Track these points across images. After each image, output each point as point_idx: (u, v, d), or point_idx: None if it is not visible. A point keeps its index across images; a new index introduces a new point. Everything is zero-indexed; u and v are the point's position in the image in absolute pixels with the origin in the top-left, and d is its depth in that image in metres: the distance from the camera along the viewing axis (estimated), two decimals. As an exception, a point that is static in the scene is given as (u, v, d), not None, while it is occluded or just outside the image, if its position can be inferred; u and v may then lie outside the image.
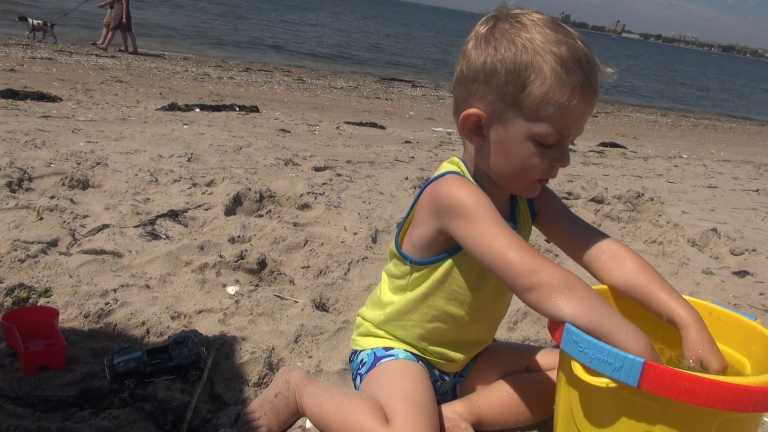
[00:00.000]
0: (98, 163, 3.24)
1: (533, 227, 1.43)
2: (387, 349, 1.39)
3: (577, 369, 1.04)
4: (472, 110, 1.19)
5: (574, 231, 1.37)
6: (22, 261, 1.95)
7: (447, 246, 1.27)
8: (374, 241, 2.66)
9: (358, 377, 1.40)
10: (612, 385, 0.98)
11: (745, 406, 0.93)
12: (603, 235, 1.35)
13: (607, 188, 4.18)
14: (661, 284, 1.25)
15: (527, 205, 1.39)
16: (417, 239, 1.29)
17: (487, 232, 1.14)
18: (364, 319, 1.47)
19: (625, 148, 7.84)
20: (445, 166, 1.31)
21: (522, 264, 1.10)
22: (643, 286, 1.25)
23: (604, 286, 1.31)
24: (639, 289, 1.25)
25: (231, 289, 1.98)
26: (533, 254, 1.11)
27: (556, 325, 1.10)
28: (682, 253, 3.05)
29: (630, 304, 1.28)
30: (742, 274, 2.88)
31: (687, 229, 3.43)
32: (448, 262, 1.28)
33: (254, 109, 7.13)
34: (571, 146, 1.29)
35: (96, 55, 11.33)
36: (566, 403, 1.14)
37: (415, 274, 1.33)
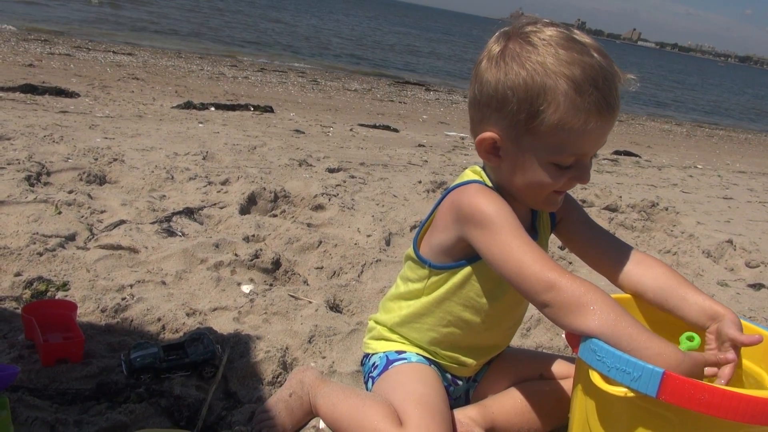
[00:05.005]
0: (115, 159, 3.27)
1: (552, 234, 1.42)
2: (399, 352, 1.39)
3: (595, 378, 1.03)
4: (487, 134, 1.19)
5: (595, 239, 1.36)
6: (40, 254, 1.98)
7: (466, 253, 1.26)
8: (387, 243, 2.66)
9: (370, 380, 1.40)
10: (630, 394, 0.98)
11: (765, 419, 0.92)
12: (624, 244, 1.35)
13: (621, 197, 4.15)
14: (692, 287, 1.24)
15: (548, 214, 1.38)
16: (436, 245, 1.30)
17: (506, 245, 1.14)
18: (376, 322, 1.47)
19: (639, 157, 7.79)
20: (468, 174, 1.30)
21: (539, 279, 1.09)
22: (675, 289, 1.24)
23: (627, 296, 1.30)
24: (671, 292, 1.24)
25: (246, 288, 1.99)
26: (552, 268, 1.10)
27: (574, 335, 1.09)
28: (696, 264, 3.03)
29: (654, 314, 1.27)
30: (757, 286, 2.85)
31: (702, 240, 3.40)
32: (467, 269, 1.28)
33: (269, 110, 7.15)
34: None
35: (113, 52, 11.42)
36: (582, 413, 1.13)
37: (433, 278, 1.32)
